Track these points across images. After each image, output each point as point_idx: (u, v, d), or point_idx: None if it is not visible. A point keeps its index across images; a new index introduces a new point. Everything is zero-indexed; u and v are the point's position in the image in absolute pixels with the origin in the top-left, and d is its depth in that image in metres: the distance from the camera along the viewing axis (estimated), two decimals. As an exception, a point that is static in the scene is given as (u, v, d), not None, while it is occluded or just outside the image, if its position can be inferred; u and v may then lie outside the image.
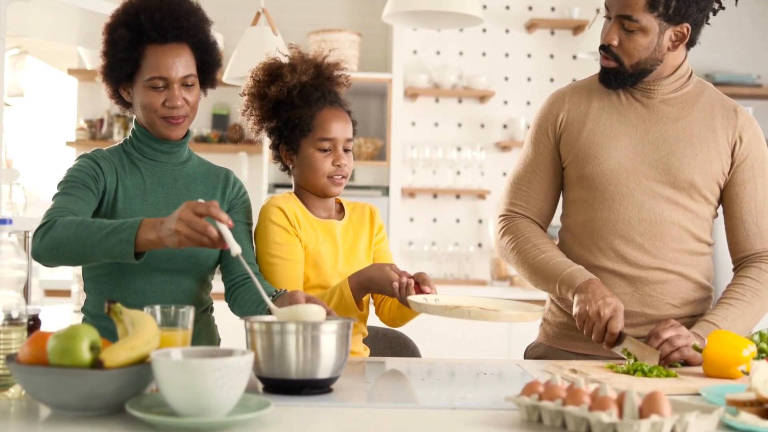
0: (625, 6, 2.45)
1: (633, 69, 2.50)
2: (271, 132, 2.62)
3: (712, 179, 2.52)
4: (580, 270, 2.46)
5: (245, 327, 1.92)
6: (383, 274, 2.37)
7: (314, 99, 2.57)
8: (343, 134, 2.57)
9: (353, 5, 6.63)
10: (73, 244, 2.14)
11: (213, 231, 2.00)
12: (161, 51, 2.38)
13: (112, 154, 2.44)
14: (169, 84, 2.38)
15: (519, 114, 6.41)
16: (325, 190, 2.57)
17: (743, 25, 6.59)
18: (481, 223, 6.40)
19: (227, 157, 6.39)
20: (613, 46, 2.49)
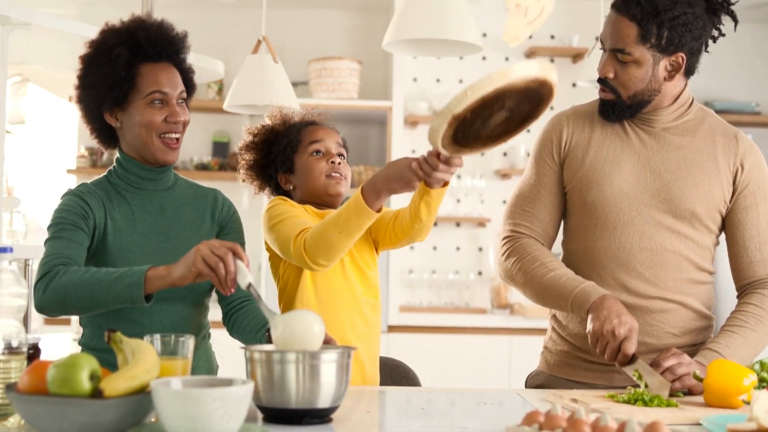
0: (617, 39, 2.46)
1: (630, 101, 2.51)
2: (270, 175, 2.70)
3: (713, 208, 2.52)
4: (593, 286, 2.44)
5: (245, 356, 1.92)
6: (398, 164, 2.29)
7: (297, 123, 2.70)
8: (332, 138, 2.65)
9: (353, 33, 6.65)
10: (80, 292, 2.14)
11: (231, 265, 2.04)
12: (157, 68, 2.40)
13: (98, 188, 2.42)
14: (168, 99, 2.39)
15: (519, 142, 6.42)
16: (326, 190, 2.60)
17: (742, 52, 6.61)
18: (481, 251, 6.39)
19: (228, 184, 6.39)
20: (609, 78, 2.50)
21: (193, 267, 2.06)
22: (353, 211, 2.32)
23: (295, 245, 2.40)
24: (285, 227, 2.46)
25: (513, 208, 2.67)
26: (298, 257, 2.41)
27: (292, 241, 2.41)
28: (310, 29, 6.63)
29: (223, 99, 6.10)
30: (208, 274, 2.06)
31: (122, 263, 2.34)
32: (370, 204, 2.31)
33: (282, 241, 2.46)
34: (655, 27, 2.43)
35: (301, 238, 2.39)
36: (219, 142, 6.49)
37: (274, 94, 4.22)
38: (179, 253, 2.40)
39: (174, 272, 2.10)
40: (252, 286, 2.05)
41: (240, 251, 2.07)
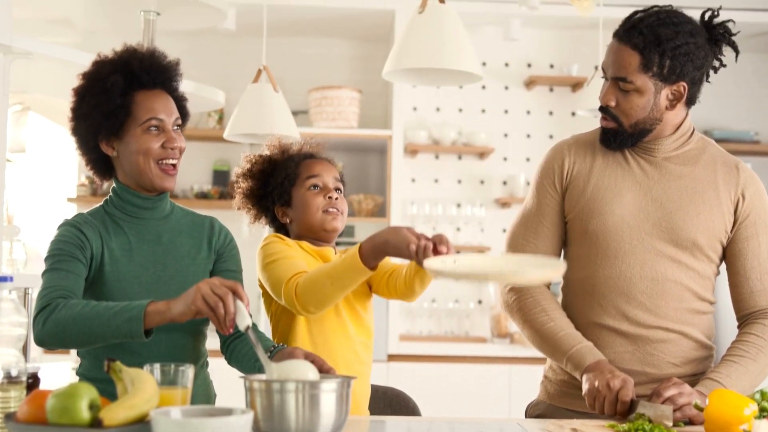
0: (619, 68, 2.47)
1: (632, 129, 2.51)
2: (267, 206, 2.71)
3: (714, 238, 2.52)
4: (590, 349, 2.45)
5: (245, 385, 1.91)
6: (400, 237, 2.28)
7: (296, 156, 2.70)
8: (330, 173, 2.66)
9: (353, 63, 6.68)
10: (80, 326, 2.14)
11: (231, 305, 2.03)
12: (151, 95, 2.41)
13: (94, 217, 2.42)
14: (164, 126, 2.39)
15: (519, 170, 6.43)
16: (323, 225, 2.60)
17: (741, 82, 6.63)
18: (481, 279, 6.37)
19: (228, 213, 6.36)
20: (611, 106, 2.51)
21: (193, 305, 2.06)
22: (349, 266, 2.33)
23: (287, 289, 2.40)
24: (278, 268, 2.47)
25: (515, 238, 2.67)
26: (288, 302, 2.42)
27: (284, 284, 2.42)
28: (310, 58, 6.66)
29: (224, 128, 6.11)
30: (207, 313, 2.05)
31: (119, 293, 2.33)
32: (367, 263, 2.32)
33: (274, 283, 2.47)
34: (657, 56, 2.44)
35: (293, 283, 2.40)
36: (219, 171, 6.50)
37: (275, 123, 4.23)
38: (176, 282, 2.40)
39: (174, 308, 2.09)
40: (250, 329, 2.05)
41: (240, 291, 2.07)
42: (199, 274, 2.45)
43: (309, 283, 2.37)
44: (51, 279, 2.27)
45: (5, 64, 3.24)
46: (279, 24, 6.17)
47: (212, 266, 2.50)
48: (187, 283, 2.41)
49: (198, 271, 2.46)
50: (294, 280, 2.40)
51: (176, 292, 2.38)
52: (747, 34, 6.30)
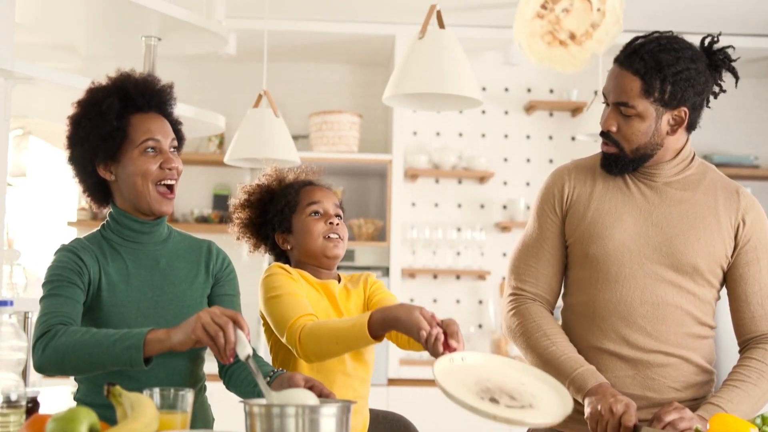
0: (621, 93, 2.48)
1: (633, 154, 2.51)
2: (267, 234, 2.70)
3: (715, 263, 2.53)
4: (592, 372, 2.45)
5: (244, 410, 1.91)
6: (412, 319, 2.22)
7: (295, 183, 2.71)
8: (330, 200, 2.65)
9: (354, 87, 6.70)
10: (79, 354, 2.13)
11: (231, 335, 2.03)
12: (147, 117, 2.41)
13: (92, 243, 2.41)
14: (161, 147, 2.39)
15: (519, 195, 6.43)
16: (324, 252, 2.59)
17: (740, 106, 6.65)
18: (482, 303, 6.38)
19: (228, 237, 6.36)
20: (612, 132, 2.51)
21: (193, 334, 2.05)
22: (355, 334, 2.30)
23: (291, 332, 2.39)
24: (282, 305, 2.46)
25: (517, 263, 2.67)
26: (290, 344, 2.40)
27: (288, 326, 2.40)
28: (310, 83, 6.68)
29: (224, 152, 6.13)
30: (207, 342, 2.05)
31: (117, 318, 2.33)
32: (374, 334, 2.29)
33: (277, 320, 2.46)
34: (658, 81, 2.44)
35: (298, 327, 2.37)
36: (219, 195, 6.51)
37: (275, 148, 4.24)
38: (174, 307, 2.39)
39: (174, 337, 2.09)
40: (251, 358, 2.04)
41: (241, 321, 2.06)
42: (197, 299, 2.45)
43: (314, 335, 2.35)
44: (49, 305, 2.26)
45: (7, 89, 3.25)
46: (279, 49, 6.20)
47: (210, 290, 2.50)
48: (184, 308, 2.41)
49: (195, 296, 2.45)
50: (299, 324, 2.38)
51: (174, 317, 2.38)
52: (746, 59, 6.32)
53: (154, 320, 2.35)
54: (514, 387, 2.11)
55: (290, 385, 2.19)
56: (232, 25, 5.73)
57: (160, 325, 2.33)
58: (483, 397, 2.03)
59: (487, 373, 2.15)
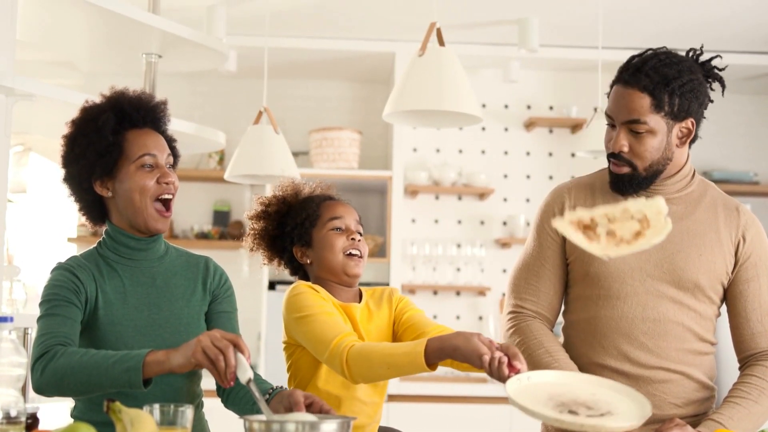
0: (631, 111, 2.47)
1: (646, 172, 2.51)
2: (284, 247, 2.65)
3: (716, 279, 2.53)
4: None
5: (244, 426, 1.91)
6: (471, 346, 2.17)
7: (315, 197, 2.66)
8: (352, 216, 2.62)
9: (354, 104, 6.71)
10: (78, 376, 2.13)
11: (232, 358, 2.02)
12: (143, 133, 2.41)
13: (88, 260, 2.40)
14: (157, 162, 2.39)
15: (518, 211, 6.44)
16: (344, 269, 2.54)
17: (740, 123, 6.67)
18: (482, 319, 6.38)
19: (228, 253, 6.41)
20: (624, 152, 2.50)
21: (193, 358, 2.04)
22: (410, 362, 2.25)
23: (335, 352, 2.32)
24: (319, 325, 2.39)
25: (517, 281, 2.67)
26: (335, 364, 2.34)
27: (332, 345, 2.33)
28: (310, 100, 6.69)
29: (224, 169, 6.13)
30: (207, 366, 2.04)
31: (114, 337, 2.32)
32: (429, 363, 2.24)
33: (317, 339, 2.39)
34: (666, 95, 2.45)
35: (344, 347, 2.31)
36: (219, 211, 6.52)
37: (275, 164, 4.25)
38: (171, 325, 2.39)
39: (173, 360, 2.07)
40: (252, 381, 2.03)
41: (242, 345, 2.05)
42: (194, 316, 2.44)
43: (364, 358, 2.29)
44: (47, 325, 2.25)
45: (7, 106, 3.26)
46: (280, 66, 6.21)
47: (207, 307, 2.49)
48: (182, 326, 2.40)
49: (193, 313, 2.44)
50: (345, 344, 2.32)
51: (171, 334, 2.37)
52: (746, 76, 6.34)
53: (151, 338, 2.34)
54: (587, 398, 2.10)
55: (290, 401, 2.18)
56: (233, 42, 5.75)
57: (157, 343, 2.33)
58: (561, 411, 2.03)
59: (558, 388, 2.15)
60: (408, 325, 2.60)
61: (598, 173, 2.69)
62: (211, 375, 2.21)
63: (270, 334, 5.90)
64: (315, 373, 2.50)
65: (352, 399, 2.51)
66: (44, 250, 6.79)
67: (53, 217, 6.93)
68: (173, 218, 6.37)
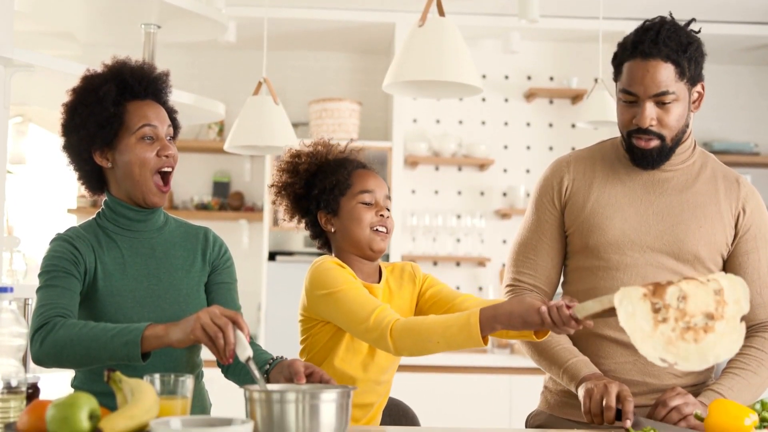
0: (659, 84, 2.43)
1: (672, 142, 2.50)
2: (307, 208, 2.59)
3: (716, 251, 2.53)
4: (585, 362, 2.47)
5: (245, 396, 1.91)
6: (525, 305, 2.17)
7: (348, 162, 2.58)
8: (382, 190, 2.55)
9: (354, 75, 6.69)
10: (77, 348, 2.13)
11: (231, 336, 2.02)
12: (144, 104, 2.40)
13: (87, 231, 2.39)
14: (157, 134, 2.38)
15: (518, 182, 6.44)
16: (370, 244, 2.50)
17: (741, 94, 6.65)
18: (482, 290, 6.39)
19: (228, 224, 6.41)
20: (653, 126, 2.48)
21: (192, 334, 2.04)
22: (463, 334, 2.22)
23: (375, 327, 2.30)
24: (352, 300, 2.36)
25: (516, 255, 2.68)
26: (373, 339, 2.32)
27: (371, 320, 2.30)
28: (310, 71, 6.67)
29: (224, 140, 6.13)
30: (206, 343, 2.04)
31: (113, 308, 2.32)
32: (483, 333, 2.21)
33: (350, 315, 2.35)
34: (686, 61, 2.44)
35: (388, 324, 2.28)
36: (219, 182, 6.52)
37: (275, 135, 4.24)
38: (170, 296, 2.39)
39: (172, 335, 2.08)
40: (251, 360, 2.03)
41: (241, 322, 2.05)
42: (194, 287, 2.44)
43: (413, 331, 2.27)
44: (46, 296, 2.25)
45: (6, 77, 3.25)
46: (279, 37, 6.19)
47: (207, 278, 2.49)
48: (181, 297, 2.40)
49: (192, 283, 2.45)
50: (387, 318, 2.30)
51: (170, 305, 2.38)
52: (747, 47, 6.31)
53: (150, 309, 2.35)
54: None
55: (290, 371, 2.18)
56: (232, 12, 5.72)
57: (156, 314, 2.34)
58: None
59: None
60: (434, 301, 2.57)
61: (597, 146, 2.69)
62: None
63: (270, 305, 5.92)
64: (332, 352, 2.48)
65: (367, 380, 2.50)
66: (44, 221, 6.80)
67: (53, 188, 6.93)
68: (173, 189, 6.38)
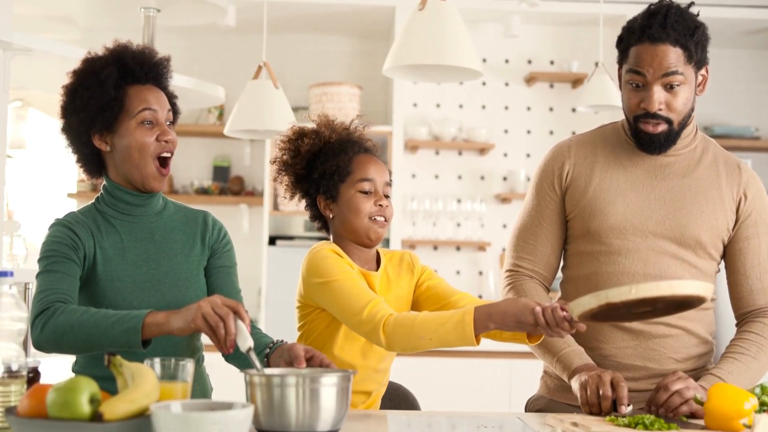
0: (668, 65, 2.43)
1: (679, 126, 2.50)
2: (307, 190, 2.58)
3: (717, 236, 2.53)
4: (578, 353, 2.47)
5: (245, 380, 1.92)
6: (519, 305, 2.19)
7: (349, 147, 2.56)
8: (382, 177, 2.54)
9: (354, 59, 6.68)
10: (77, 334, 2.13)
11: (232, 326, 2.02)
12: (144, 88, 2.40)
13: (86, 216, 2.39)
14: (157, 119, 2.37)
15: (519, 166, 6.43)
16: (368, 233, 2.49)
17: (741, 78, 6.64)
18: (482, 274, 6.39)
19: (228, 208, 6.41)
20: (662, 110, 2.47)
21: (193, 323, 2.04)
22: (457, 332, 2.23)
23: (368, 321, 2.30)
24: (347, 291, 2.36)
25: (515, 241, 2.68)
26: (366, 332, 2.32)
27: (364, 314, 2.31)
28: (310, 55, 6.66)
29: (224, 124, 6.12)
30: (206, 332, 2.03)
31: (112, 293, 2.32)
32: (477, 332, 2.23)
33: (344, 307, 2.35)
34: (693, 44, 2.44)
35: (381, 318, 2.29)
36: (219, 167, 6.51)
37: (275, 120, 4.23)
38: (170, 280, 2.39)
39: (173, 322, 2.07)
40: (252, 350, 2.03)
41: (242, 312, 2.04)
42: (193, 271, 2.44)
43: (406, 327, 2.27)
44: (46, 281, 2.25)
45: (5, 61, 3.24)
46: (279, 20, 6.17)
47: (206, 262, 2.49)
48: (180, 281, 2.40)
49: (192, 268, 2.44)
50: (381, 313, 2.30)
51: (170, 290, 2.38)
52: (747, 30, 6.30)
53: (150, 293, 2.35)
54: None
55: (290, 355, 2.19)
56: (232, -4, 5.71)
57: (156, 299, 2.34)
58: None
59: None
60: (430, 294, 2.58)
61: (598, 130, 2.68)
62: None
63: (270, 289, 5.92)
64: (331, 338, 2.48)
65: (367, 367, 2.50)
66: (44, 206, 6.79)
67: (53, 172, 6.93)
68: (173, 173, 6.38)
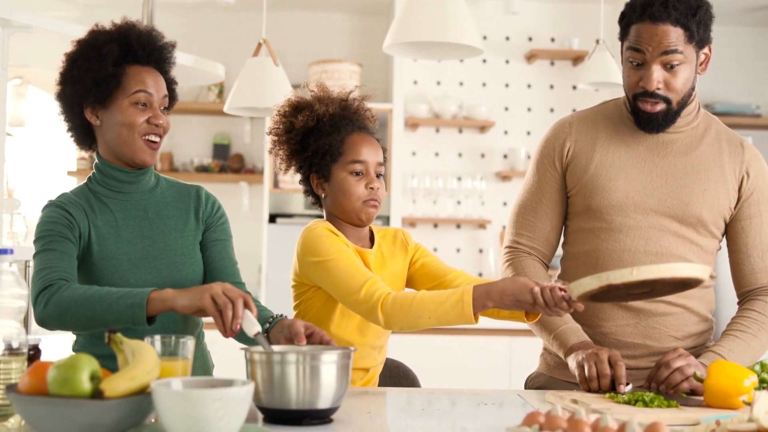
0: (668, 44, 2.42)
1: (678, 105, 2.49)
2: (301, 165, 2.56)
3: (718, 214, 2.53)
4: (574, 330, 2.48)
5: (245, 357, 1.92)
6: (518, 284, 2.20)
7: (343, 125, 2.53)
8: (375, 158, 2.54)
9: (354, 36, 6.66)
10: (81, 309, 2.13)
11: (240, 309, 2.02)
12: (143, 70, 2.39)
13: (79, 197, 2.39)
14: (151, 102, 2.37)
15: (519, 144, 6.42)
16: (359, 215, 2.48)
17: (742, 55, 6.62)
18: (482, 252, 6.39)
19: (228, 186, 6.41)
20: (660, 89, 2.46)
21: (200, 302, 2.04)
22: (456, 311, 2.23)
23: (365, 300, 2.30)
24: (343, 270, 2.35)
25: (515, 217, 2.68)
26: (363, 311, 2.32)
27: (362, 293, 2.30)
28: (310, 32, 6.64)
29: (224, 101, 6.11)
30: (212, 312, 2.03)
31: (109, 271, 2.32)
32: (475, 311, 2.23)
33: (341, 286, 2.35)
34: (694, 24, 2.43)
35: (379, 297, 2.28)
36: (219, 144, 6.50)
37: (275, 97, 4.22)
38: (165, 256, 2.39)
39: (178, 300, 2.07)
40: (260, 334, 2.02)
41: (251, 303, 2.04)
42: (189, 247, 2.44)
43: (404, 306, 2.27)
44: (46, 259, 2.25)
45: (4, 38, 3.23)
46: (279, -3, 6.16)
47: (201, 236, 2.49)
48: (176, 257, 2.40)
49: (187, 243, 2.44)
50: (378, 292, 2.30)
51: (166, 266, 2.38)
52: (748, 8, 6.28)
53: (146, 271, 2.35)
54: None
55: (291, 332, 2.18)
56: (231, -28, 5.69)
57: (153, 275, 2.35)
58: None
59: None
60: (424, 272, 2.58)
61: (600, 107, 2.68)
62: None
63: (271, 267, 5.92)
64: (328, 316, 2.48)
65: (364, 345, 2.50)
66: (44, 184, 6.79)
67: (53, 150, 6.92)
68: (173, 151, 6.36)
